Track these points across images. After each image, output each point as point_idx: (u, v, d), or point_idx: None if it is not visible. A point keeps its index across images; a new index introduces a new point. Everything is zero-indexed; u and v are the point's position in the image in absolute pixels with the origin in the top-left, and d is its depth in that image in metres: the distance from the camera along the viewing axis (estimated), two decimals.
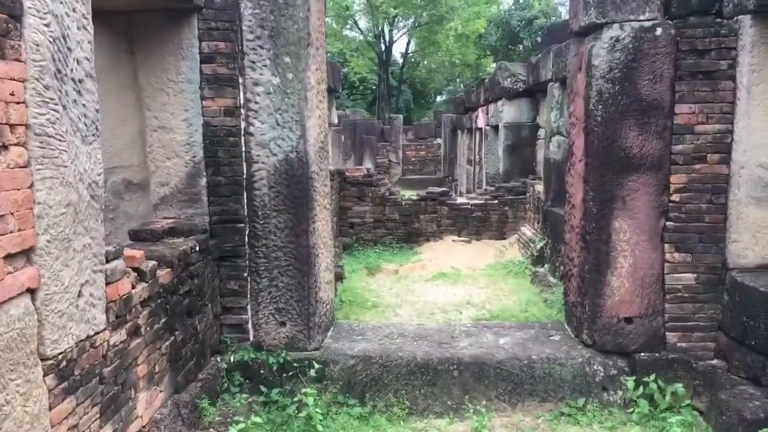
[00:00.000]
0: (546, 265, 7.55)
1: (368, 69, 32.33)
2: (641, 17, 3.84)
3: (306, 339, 4.10)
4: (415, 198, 9.69)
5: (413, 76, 35.56)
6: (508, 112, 10.54)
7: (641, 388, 3.88)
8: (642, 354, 4.00)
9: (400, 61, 33.84)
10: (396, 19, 30.18)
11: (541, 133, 9.63)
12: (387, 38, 31.13)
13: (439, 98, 40.55)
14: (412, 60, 34.54)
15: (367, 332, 4.46)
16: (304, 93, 4.02)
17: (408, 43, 32.33)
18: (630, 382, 3.90)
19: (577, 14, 4.06)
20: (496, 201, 9.59)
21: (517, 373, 3.99)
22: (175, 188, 4.04)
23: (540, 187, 8.47)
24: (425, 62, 35.30)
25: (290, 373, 4.01)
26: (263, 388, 3.96)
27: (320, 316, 4.19)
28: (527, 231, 8.84)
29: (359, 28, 31.40)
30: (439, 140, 23.04)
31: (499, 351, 4.11)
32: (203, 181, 4.03)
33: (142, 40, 3.96)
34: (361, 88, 34.14)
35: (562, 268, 5.61)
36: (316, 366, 3.98)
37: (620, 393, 3.97)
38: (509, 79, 10.32)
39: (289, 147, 4.01)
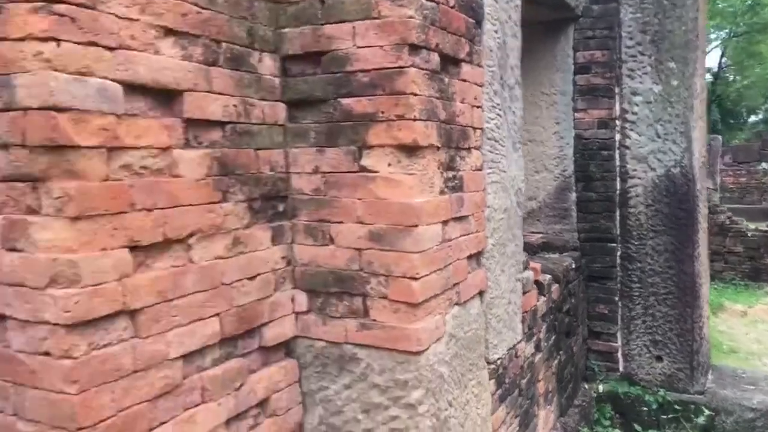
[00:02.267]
0: None
1: None
2: None
3: (688, 379, 3.58)
4: (763, 228, 8.21)
5: (724, 93, 31.31)
6: None
7: None
8: None
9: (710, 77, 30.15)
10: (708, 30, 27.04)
11: None
12: None
13: (753, 117, 34.93)
14: (726, 75, 30.47)
15: (761, 382, 3.72)
16: (690, 101, 3.58)
17: (721, 56, 28.62)
18: None
19: None
20: None
21: None
22: (543, 203, 3.94)
23: None
24: (737, 77, 30.81)
25: (670, 416, 3.53)
26: (637, 427, 3.56)
27: (703, 355, 3.63)
28: None
29: None
30: (764, 165, 19.65)
31: None
32: (572, 196, 3.85)
33: None
34: None
35: None
36: (706, 413, 3.43)
37: None
38: None
39: (671, 161, 3.60)
